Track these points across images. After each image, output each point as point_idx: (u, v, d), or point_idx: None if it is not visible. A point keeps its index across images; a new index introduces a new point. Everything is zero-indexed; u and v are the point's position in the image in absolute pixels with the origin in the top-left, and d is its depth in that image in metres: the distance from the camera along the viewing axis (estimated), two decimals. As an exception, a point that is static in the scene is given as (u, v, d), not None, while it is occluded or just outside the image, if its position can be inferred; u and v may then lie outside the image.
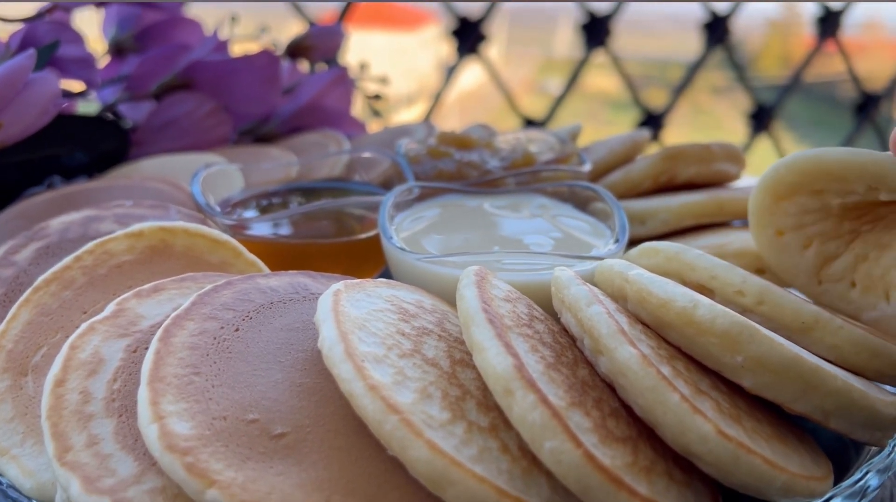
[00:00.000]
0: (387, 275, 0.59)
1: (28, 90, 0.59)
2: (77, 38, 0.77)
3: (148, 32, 0.90)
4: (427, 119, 1.45)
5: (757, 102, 1.75)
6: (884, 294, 0.48)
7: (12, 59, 0.58)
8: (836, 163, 0.45)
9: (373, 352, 0.36)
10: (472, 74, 1.53)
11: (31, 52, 0.58)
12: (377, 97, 1.01)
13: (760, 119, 1.78)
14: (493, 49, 1.48)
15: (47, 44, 0.69)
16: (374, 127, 1.03)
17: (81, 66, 0.78)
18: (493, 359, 0.35)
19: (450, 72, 1.45)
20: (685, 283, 0.46)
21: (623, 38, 1.51)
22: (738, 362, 0.38)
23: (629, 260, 0.49)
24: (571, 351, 0.40)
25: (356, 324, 0.38)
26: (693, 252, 0.46)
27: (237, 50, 0.90)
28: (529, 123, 1.57)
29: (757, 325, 0.38)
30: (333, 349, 0.36)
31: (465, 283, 0.40)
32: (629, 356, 0.36)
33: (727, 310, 0.38)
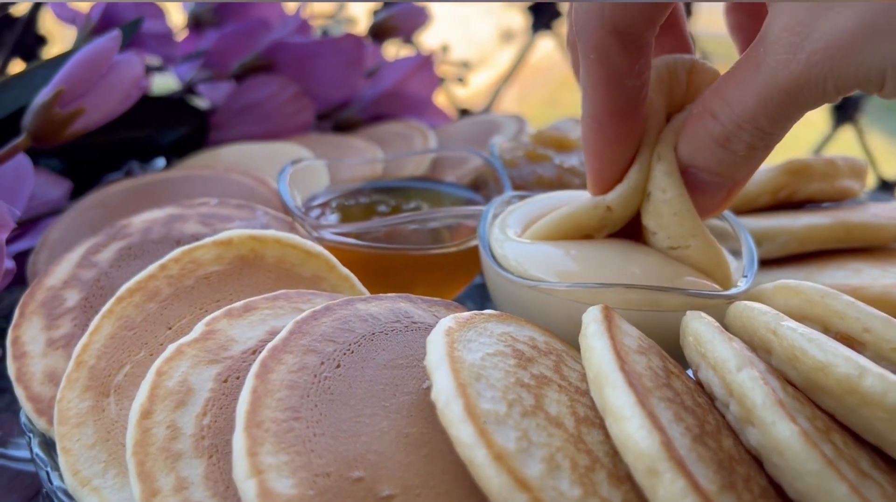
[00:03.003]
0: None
1: (112, 74, 0.56)
2: (159, 12, 0.75)
3: (226, 6, 0.86)
4: (496, 95, 1.39)
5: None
6: None
7: (97, 41, 0.54)
8: None
9: (494, 410, 0.32)
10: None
11: (115, 34, 0.55)
12: (460, 80, 0.97)
13: (845, 110, 1.67)
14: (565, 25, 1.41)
15: (130, 21, 0.66)
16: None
17: (162, 42, 0.75)
18: (635, 432, 0.30)
19: (525, 47, 1.39)
20: (827, 331, 0.41)
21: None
22: (908, 441, 0.33)
23: (763, 297, 0.44)
24: (712, 414, 0.35)
25: (473, 373, 0.34)
26: (842, 298, 0.41)
27: (314, 24, 0.87)
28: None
29: (935, 403, 0.33)
30: (451, 406, 0.32)
31: (594, 331, 0.36)
32: (789, 434, 0.31)
33: (901, 382, 0.33)
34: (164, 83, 0.88)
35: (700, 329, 0.37)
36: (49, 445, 0.42)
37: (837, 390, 0.35)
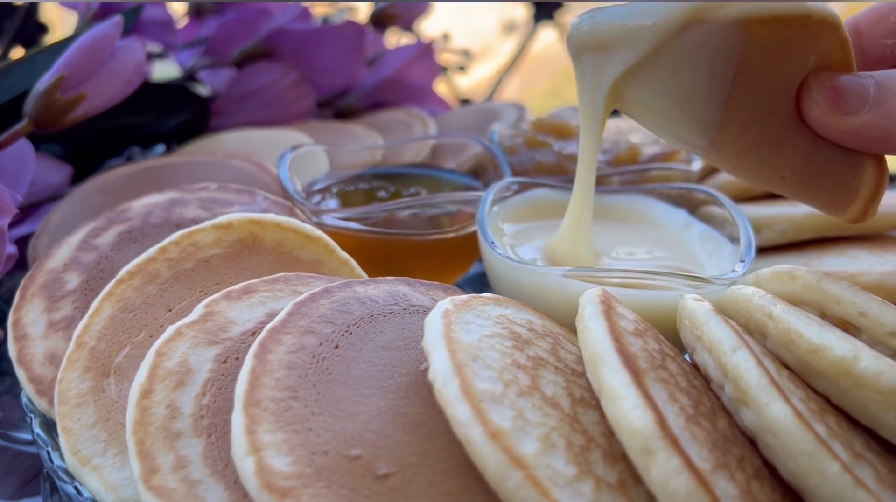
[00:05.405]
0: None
1: (113, 60, 0.56)
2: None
3: (227, -6, 0.86)
4: (497, 86, 1.39)
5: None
6: None
7: (98, 27, 0.55)
8: None
9: (490, 389, 0.33)
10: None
11: (117, 20, 0.55)
12: (461, 68, 0.97)
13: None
14: (569, 15, 1.41)
15: (131, 7, 0.66)
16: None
17: (162, 28, 0.75)
18: (629, 411, 0.31)
19: (526, 38, 1.39)
20: (823, 315, 0.41)
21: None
22: (902, 423, 0.33)
23: (759, 282, 0.44)
24: (707, 396, 0.36)
25: (469, 353, 0.34)
26: (839, 283, 0.41)
27: (315, 13, 0.87)
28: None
29: (929, 385, 0.33)
30: (447, 385, 0.32)
31: (591, 313, 0.36)
32: (783, 414, 0.32)
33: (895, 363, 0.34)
34: (165, 70, 0.89)
35: (696, 311, 0.37)
36: (50, 426, 0.42)
37: (832, 372, 0.35)
